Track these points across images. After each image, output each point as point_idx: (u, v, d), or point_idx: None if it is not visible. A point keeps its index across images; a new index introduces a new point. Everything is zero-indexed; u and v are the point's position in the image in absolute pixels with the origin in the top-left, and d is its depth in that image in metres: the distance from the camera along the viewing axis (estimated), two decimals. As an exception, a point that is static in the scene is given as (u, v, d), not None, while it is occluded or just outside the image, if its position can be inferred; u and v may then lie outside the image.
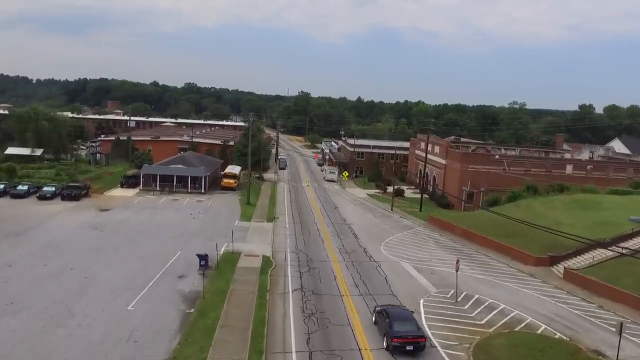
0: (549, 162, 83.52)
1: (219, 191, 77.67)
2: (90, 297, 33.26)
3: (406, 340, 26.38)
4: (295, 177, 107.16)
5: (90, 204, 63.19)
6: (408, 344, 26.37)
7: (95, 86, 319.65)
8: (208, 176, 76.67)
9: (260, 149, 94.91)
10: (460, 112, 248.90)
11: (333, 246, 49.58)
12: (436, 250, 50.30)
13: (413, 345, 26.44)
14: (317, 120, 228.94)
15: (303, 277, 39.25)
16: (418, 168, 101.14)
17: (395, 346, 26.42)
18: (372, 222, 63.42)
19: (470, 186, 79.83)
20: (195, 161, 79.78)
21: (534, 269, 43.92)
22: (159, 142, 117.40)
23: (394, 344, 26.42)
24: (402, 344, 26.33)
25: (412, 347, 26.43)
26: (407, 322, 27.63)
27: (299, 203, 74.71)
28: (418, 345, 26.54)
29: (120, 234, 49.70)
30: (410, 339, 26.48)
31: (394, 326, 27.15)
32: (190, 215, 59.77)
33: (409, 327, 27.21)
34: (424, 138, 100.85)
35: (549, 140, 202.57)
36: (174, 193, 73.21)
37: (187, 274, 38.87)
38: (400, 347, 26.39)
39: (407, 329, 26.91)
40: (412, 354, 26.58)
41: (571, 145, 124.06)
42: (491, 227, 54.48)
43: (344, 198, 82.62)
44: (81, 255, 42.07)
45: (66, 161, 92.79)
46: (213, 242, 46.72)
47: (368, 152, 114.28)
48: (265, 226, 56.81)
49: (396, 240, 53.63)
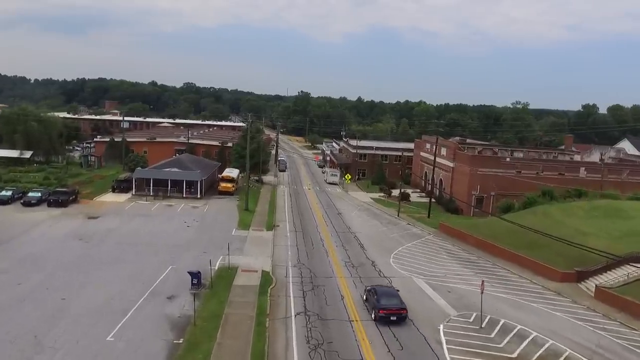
0: (562, 165, 79.23)
1: (216, 196, 73.38)
2: (65, 325, 28.95)
3: (391, 311, 30.60)
4: (296, 180, 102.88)
5: (78, 210, 58.87)
6: (392, 314, 30.61)
7: (93, 86, 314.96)
8: (204, 180, 72.38)
9: (259, 150, 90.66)
10: (462, 112, 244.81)
11: (338, 259, 45.31)
12: (450, 263, 46.02)
13: (396, 316, 30.69)
14: (317, 120, 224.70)
15: (307, 297, 35.00)
16: (423, 170, 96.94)
17: (381, 316, 30.60)
18: (379, 230, 59.16)
19: (479, 190, 75.59)
20: (191, 164, 75.44)
21: (560, 286, 39.67)
22: (155, 143, 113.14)
23: (380, 315, 30.60)
24: (387, 315, 30.58)
25: (396, 317, 30.68)
26: (393, 298, 31.88)
27: (300, 208, 70.45)
28: (400, 315, 30.85)
29: (106, 246, 45.38)
30: (394, 310, 30.69)
31: (381, 301, 31.31)
32: (185, 224, 55.49)
33: (393, 301, 31.35)
34: (430, 139, 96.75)
35: (551, 140, 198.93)
36: (169, 198, 68.92)
37: (177, 294, 34.61)
38: (385, 317, 30.60)
39: (392, 303, 31.10)
40: (395, 323, 30.53)
41: (577, 146, 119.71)
42: (507, 237, 50.25)
43: (348, 203, 78.34)
44: (61, 272, 37.79)
45: (57, 164, 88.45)
46: (207, 255, 42.79)
47: (371, 154, 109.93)
48: (265, 235, 52.54)
49: (406, 251, 49.36)
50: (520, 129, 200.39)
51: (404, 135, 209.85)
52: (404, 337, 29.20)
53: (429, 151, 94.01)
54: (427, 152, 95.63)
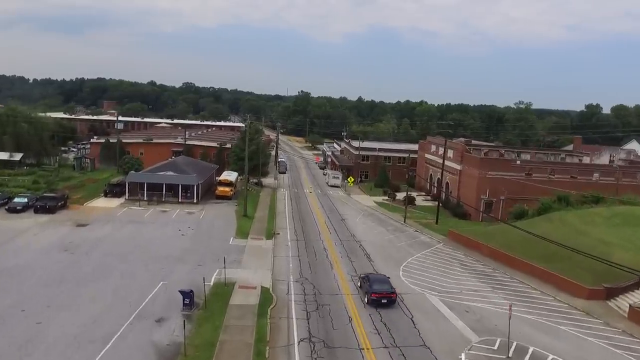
0: (574, 167, 75.61)
1: (213, 200, 69.74)
2: (38, 356, 25.37)
3: (382, 295, 33.86)
4: (297, 183, 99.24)
5: (67, 217, 55.23)
6: (383, 298, 33.84)
7: (92, 86, 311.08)
8: (201, 184, 68.70)
9: (258, 152, 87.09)
10: (464, 112, 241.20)
11: (344, 272, 41.70)
12: (464, 276, 42.38)
13: (387, 299, 33.92)
14: (317, 120, 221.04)
15: (311, 320, 31.39)
16: (428, 173, 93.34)
17: (373, 299, 33.81)
18: (386, 238, 55.54)
19: (488, 194, 72.03)
20: (188, 167, 71.77)
21: (588, 305, 36.06)
22: (151, 144, 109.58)
23: (372, 298, 33.83)
24: (379, 298, 33.80)
25: (386, 300, 33.92)
26: (384, 284, 35.18)
27: (302, 214, 66.84)
28: (390, 299, 34.02)
29: (93, 258, 41.72)
30: (385, 294, 33.96)
31: (373, 286, 34.57)
32: (179, 232, 51.86)
33: (385, 287, 34.65)
34: (435, 140, 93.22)
35: (554, 141, 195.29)
36: (163, 203, 65.26)
37: (167, 315, 30.99)
38: (377, 300, 33.76)
39: (383, 288, 34.36)
40: (385, 305, 33.68)
41: (585, 147, 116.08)
42: (523, 246, 46.67)
43: (351, 207, 74.73)
44: (40, 290, 34.15)
45: (49, 166, 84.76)
46: (203, 268, 39.59)
47: (374, 155, 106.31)
48: (264, 245, 48.92)
49: (416, 262, 45.75)
50: (524, 130, 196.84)
51: (406, 135, 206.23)
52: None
53: (435, 153, 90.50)
54: (432, 154, 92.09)
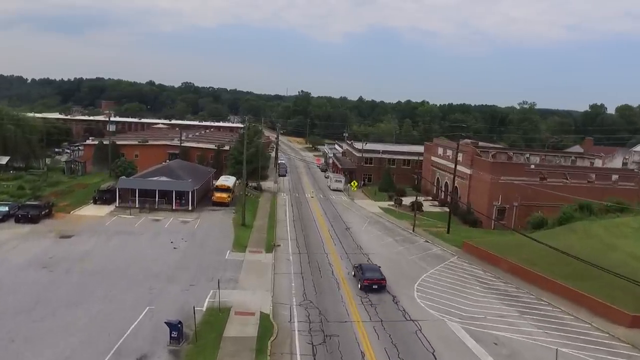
0: (592, 171, 71.18)
1: (209, 207, 65.27)
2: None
3: (372, 281, 37.10)
4: (297, 187, 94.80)
5: (50, 227, 50.75)
6: (374, 284, 37.04)
7: (90, 86, 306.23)
8: (197, 190, 64.23)
9: (258, 155, 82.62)
10: (465, 112, 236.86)
11: (353, 293, 37.27)
12: (487, 297, 37.91)
13: (377, 285, 37.11)
14: (318, 121, 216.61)
15: (317, 356, 26.97)
16: (434, 176, 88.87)
17: (365, 285, 36.97)
18: (395, 250, 51.11)
19: (501, 201, 67.65)
20: (182, 172, 67.28)
21: (632, 334, 31.60)
22: (147, 146, 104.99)
23: (365, 284, 36.98)
24: (370, 284, 36.97)
25: (377, 286, 37.10)
26: (375, 272, 38.44)
27: (304, 221, 62.44)
28: (381, 285, 37.26)
29: (73, 278, 37.27)
30: (375, 280, 37.21)
31: (365, 274, 37.76)
32: (171, 244, 47.38)
33: (375, 274, 37.93)
34: (442, 143, 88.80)
35: (558, 142, 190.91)
36: (156, 211, 60.80)
37: (151, 351, 26.58)
38: (368, 286, 36.96)
39: (375, 276, 37.63)
40: (376, 290, 36.85)
41: (597, 149, 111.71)
42: (546, 261, 42.29)
43: (355, 213, 70.31)
44: (7, 319, 29.67)
45: (37, 170, 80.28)
46: (195, 289, 35.45)
47: (377, 158, 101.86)
48: (264, 259, 44.49)
49: (431, 280, 41.31)
50: (528, 131, 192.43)
51: (407, 136, 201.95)
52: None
53: (442, 156, 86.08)
54: (439, 156, 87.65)
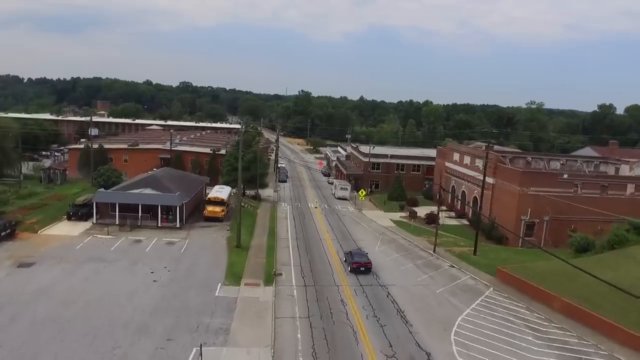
0: (632, 181, 62.67)
1: (201, 223, 56.87)
2: None
3: (360, 264, 42.97)
4: (299, 195, 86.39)
5: (8, 253, 42.28)
6: (361, 266, 42.89)
7: (85, 85, 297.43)
8: (187, 203, 55.73)
9: (256, 161, 74.12)
10: (470, 112, 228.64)
11: (375, 349, 28.83)
12: (546, 355, 29.36)
13: (364, 267, 42.97)
14: (319, 121, 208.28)
15: None
16: (449, 184, 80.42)
17: (353, 267, 42.83)
18: (418, 279, 42.63)
19: (530, 215, 59.28)
20: (171, 182, 58.72)
21: None
22: (137, 151, 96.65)
23: (353, 267, 42.86)
24: (358, 266, 42.84)
25: (364, 268, 42.92)
26: (363, 256, 44.39)
27: (308, 240, 54.05)
28: (367, 267, 43.07)
29: (18, 329, 28.74)
30: (362, 263, 43.08)
31: (354, 257, 43.81)
32: (151, 276, 38.97)
33: (363, 259, 43.79)
34: (460, 148, 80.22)
35: (566, 142, 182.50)
36: (139, 229, 52.36)
37: None
38: (356, 268, 42.75)
39: (362, 260, 43.48)
40: (363, 272, 42.40)
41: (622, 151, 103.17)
42: (608, 300, 33.83)
43: (366, 228, 61.95)
44: None
45: (12, 179, 71.73)
46: (172, 348, 27.38)
47: (385, 163, 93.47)
48: (262, 296, 36.05)
49: (470, 326, 32.76)
50: (536, 131, 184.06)
51: (412, 137, 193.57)
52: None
53: (459, 162, 77.63)
54: (455, 162, 79.22)
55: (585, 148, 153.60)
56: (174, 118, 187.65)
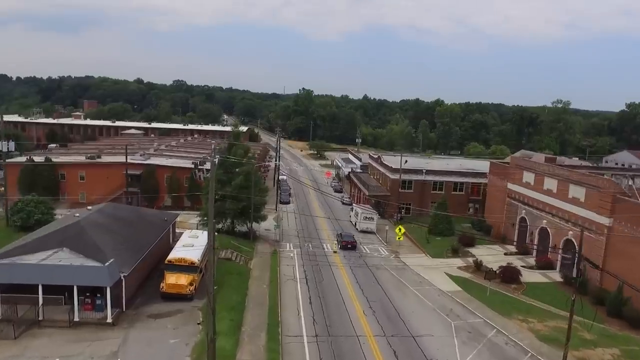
0: None
1: (156, 304, 33.01)
2: None
3: (348, 242, 51.89)
4: (309, 226, 62.67)
5: None
6: (349, 244, 51.78)
7: (72, 84, 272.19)
8: (130, 274, 31.68)
9: (249, 186, 50.22)
10: (484, 111, 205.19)
11: None
12: None
13: (351, 245, 51.84)
14: (322, 122, 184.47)
15: None
16: (517, 214, 56.38)
17: (342, 245, 51.79)
18: None
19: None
20: (106, 234, 34.34)
21: None
22: (97, 165, 72.95)
23: (342, 244, 51.87)
24: (346, 244, 51.73)
25: (351, 245, 51.74)
26: (350, 236, 53.31)
27: (337, 339, 30.34)
28: (354, 245, 51.95)
29: None
30: (349, 242, 51.95)
31: (343, 237, 52.86)
32: None
33: (350, 238, 52.69)
34: (533, 166, 55.59)
35: (591, 145, 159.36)
36: (40, 327, 28.55)
37: None
38: (345, 245, 51.61)
39: (349, 239, 52.35)
40: (350, 249, 51.30)
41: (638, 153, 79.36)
42: None
43: (421, 301, 38.24)
44: None
45: None
46: None
47: (420, 181, 69.66)
48: None
49: None
50: (562, 133, 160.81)
51: (426, 139, 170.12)
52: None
53: (534, 187, 53.53)
54: (525, 185, 55.23)
55: (623, 152, 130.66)
56: (161, 119, 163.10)
